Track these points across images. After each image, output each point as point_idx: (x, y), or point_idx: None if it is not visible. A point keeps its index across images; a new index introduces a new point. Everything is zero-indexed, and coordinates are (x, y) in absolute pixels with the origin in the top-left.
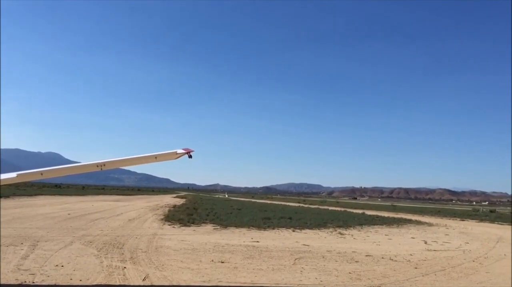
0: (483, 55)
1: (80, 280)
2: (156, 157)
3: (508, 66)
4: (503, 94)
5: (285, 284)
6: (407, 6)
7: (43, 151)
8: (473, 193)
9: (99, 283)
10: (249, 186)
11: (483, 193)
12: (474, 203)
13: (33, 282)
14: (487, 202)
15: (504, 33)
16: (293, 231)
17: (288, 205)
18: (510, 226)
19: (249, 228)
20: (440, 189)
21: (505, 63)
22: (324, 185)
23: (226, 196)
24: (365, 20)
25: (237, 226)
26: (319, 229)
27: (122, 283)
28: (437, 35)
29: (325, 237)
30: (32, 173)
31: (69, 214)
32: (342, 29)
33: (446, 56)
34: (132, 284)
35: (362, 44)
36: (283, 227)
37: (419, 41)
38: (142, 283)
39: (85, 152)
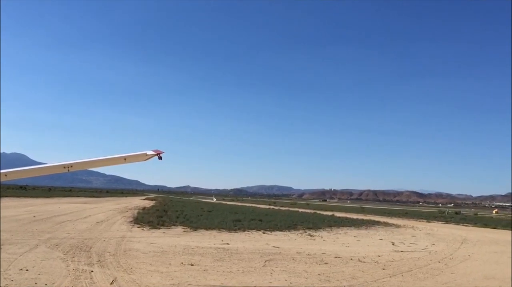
0: (453, 59)
1: (46, 284)
2: (125, 159)
3: (476, 70)
4: (470, 97)
5: (255, 286)
6: (386, 8)
7: (7, 151)
8: (439, 195)
9: None
10: (220, 188)
11: (449, 195)
12: (440, 205)
13: None
14: (452, 204)
15: (475, 36)
16: (264, 233)
17: (259, 207)
18: (476, 228)
19: (219, 230)
20: (408, 191)
21: (473, 67)
22: (295, 187)
23: (214, 200)
24: (340, 23)
25: (207, 228)
26: (289, 231)
27: None
28: (409, 39)
29: (295, 239)
30: None
31: (34, 216)
32: (316, 32)
33: (417, 60)
34: None
35: (336, 47)
36: (254, 229)
37: (390, 45)
38: None
39: (52, 153)
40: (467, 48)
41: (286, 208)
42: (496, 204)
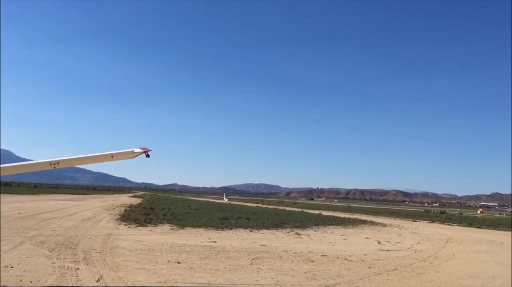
0: (435, 60)
1: (31, 282)
2: (112, 156)
3: (463, 70)
4: (455, 98)
5: (242, 284)
6: (379, 7)
7: None
8: (425, 195)
9: (51, 285)
10: (208, 186)
11: (435, 195)
12: (425, 204)
13: None
14: (438, 204)
15: (457, 37)
16: (251, 231)
17: (246, 206)
18: (461, 228)
19: (206, 228)
20: (394, 190)
21: (460, 67)
22: (282, 185)
23: (226, 200)
24: (325, 23)
25: (194, 226)
26: (276, 230)
27: (74, 285)
28: (392, 40)
29: (282, 237)
30: None
31: (19, 213)
32: (300, 31)
33: (401, 62)
34: (85, 285)
35: (323, 46)
36: (241, 227)
37: (378, 45)
38: (95, 285)
39: (38, 149)
40: (453, 48)
41: (274, 207)
42: (481, 203)
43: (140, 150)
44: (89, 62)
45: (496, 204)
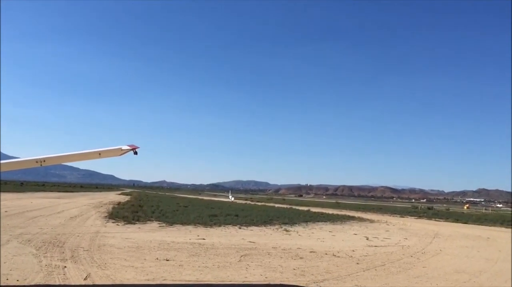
0: (420, 58)
1: (17, 280)
2: (100, 153)
3: (449, 68)
4: (441, 95)
5: (230, 281)
6: (353, 6)
7: None
8: (413, 191)
9: (38, 283)
10: (196, 183)
11: (422, 191)
12: (413, 200)
13: None
14: (425, 200)
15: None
16: (240, 228)
17: (235, 202)
18: (448, 223)
19: (195, 225)
20: (382, 187)
21: (447, 65)
22: (271, 182)
23: (232, 199)
24: (309, 20)
25: (183, 223)
26: (265, 226)
27: (62, 283)
28: (378, 37)
29: (271, 234)
30: None
31: (6, 211)
32: (286, 28)
33: (387, 59)
34: (72, 283)
35: (306, 43)
36: (230, 224)
37: (361, 43)
38: (83, 283)
39: (24, 147)
40: (439, 45)
41: (262, 203)
42: (467, 199)
43: (128, 147)
44: (75, 59)
45: (483, 199)
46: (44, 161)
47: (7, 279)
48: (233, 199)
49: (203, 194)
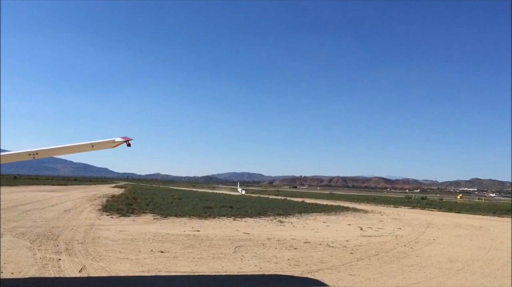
0: (413, 49)
1: (12, 273)
2: (93, 146)
3: (443, 57)
4: (435, 85)
5: (225, 272)
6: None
7: None
8: (406, 181)
9: (32, 276)
10: (190, 175)
11: (415, 181)
12: (407, 190)
13: None
14: (418, 190)
15: (432, 31)
16: (234, 219)
17: (230, 194)
18: (441, 213)
19: (190, 217)
20: (376, 177)
21: (439, 55)
22: (266, 174)
23: (242, 192)
24: (300, 12)
25: (177, 215)
26: (259, 218)
27: (56, 276)
28: (370, 29)
29: (265, 225)
30: None
31: None
32: (276, 20)
33: (379, 51)
34: (67, 276)
35: (298, 34)
36: (224, 216)
37: (353, 35)
38: (78, 275)
39: (17, 139)
40: (427, 37)
41: (257, 195)
42: (460, 189)
43: (121, 139)
44: (66, 50)
45: (476, 189)
46: (37, 153)
47: (1, 272)
48: (243, 192)
49: (206, 187)
